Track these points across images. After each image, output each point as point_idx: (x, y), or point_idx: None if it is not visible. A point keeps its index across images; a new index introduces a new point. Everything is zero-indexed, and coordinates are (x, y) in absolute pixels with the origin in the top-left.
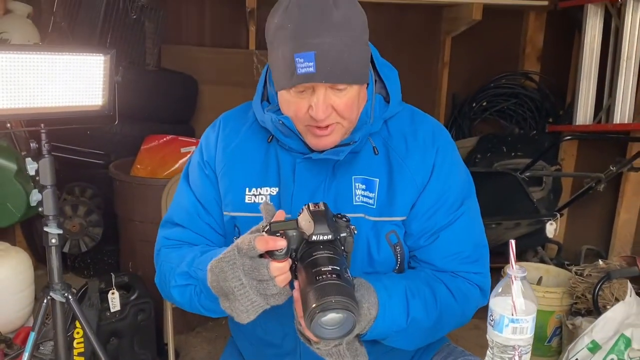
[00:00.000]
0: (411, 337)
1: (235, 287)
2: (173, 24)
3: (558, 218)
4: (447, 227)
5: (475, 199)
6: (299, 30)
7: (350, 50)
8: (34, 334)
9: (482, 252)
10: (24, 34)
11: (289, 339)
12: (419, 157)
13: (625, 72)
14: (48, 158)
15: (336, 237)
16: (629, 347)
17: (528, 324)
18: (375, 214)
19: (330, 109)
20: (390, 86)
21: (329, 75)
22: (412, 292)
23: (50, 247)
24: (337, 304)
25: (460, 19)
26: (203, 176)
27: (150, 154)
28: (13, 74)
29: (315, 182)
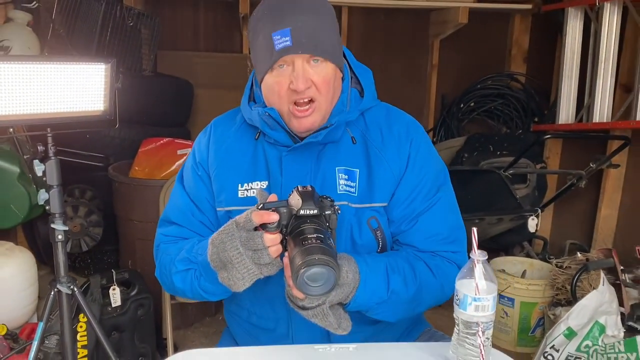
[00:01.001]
0: (392, 309)
1: (233, 256)
2: (168, 31)
3: (539, 213)
4: (425, 212)
5: (450, 186)
6: (275, 13)
7: (322, 30)
8: (42, 324)
9: (458, 233)
10: (24, 42)
11: (281, 323)
12: (394, 149)
13: (604, 73)
14: (54, 160)
15: (321, 213)
16: (603, 333)
17: (489, 302)
18: (356, 202)
19: (309, 82)
20: (365, 82)
21: (304, 46)
22: (392, 268)
23: (57, 242)
24: (319, 260)
25: (448, 23)
26: (196, 177)
27: (148, 156)
28: (22, 82)
29: (302, 173)
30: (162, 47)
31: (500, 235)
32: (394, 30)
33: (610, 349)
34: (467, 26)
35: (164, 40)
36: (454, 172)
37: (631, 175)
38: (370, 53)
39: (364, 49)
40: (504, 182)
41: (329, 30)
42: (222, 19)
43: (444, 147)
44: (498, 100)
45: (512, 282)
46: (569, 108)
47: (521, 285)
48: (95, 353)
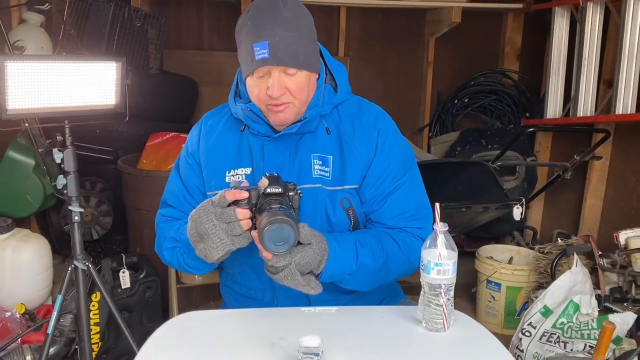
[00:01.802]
0: (363, 279)
1: (208, 228)
2: (174, 30)
3: (524, 202)
4: (393, 193)
5: (417, 169)
6: (255, 26)
7: (298, 43)
8: (61, 297)
9: (424, 212)
10: (37, 42)
11: (267, 292)
12: (363, 138)
13: (587, 70)
14: (71, 148)
15: (285, 192)
16: (577, 312)
17: (449, 267)
18: (330, 184)
19: (283, 89)
20: (339, 78)
21: (280, 59)
22: (360, 243)
23: (74, 223)
24: (281, 220)
25: (442, 22)
26: (188, 166)
27: (155, 150)
28: (43, 79)
29: (281, 160)
30: (167, 46)
31: (491, 225)
32: (391, 29)
33: (584, 326)
34: (461, 25)
35: (169, 39)
36: (445, 164)
37: (615, 167)
38: (367, 51)
39: (361, 48)
40: (492, 173)
41: (305, 41)
42: (225, 19)
43: (439, 141)
44: (491, 97)
45: (498, 267)
46: (556, 103)
47: (507, 270)
48: (107, 330)
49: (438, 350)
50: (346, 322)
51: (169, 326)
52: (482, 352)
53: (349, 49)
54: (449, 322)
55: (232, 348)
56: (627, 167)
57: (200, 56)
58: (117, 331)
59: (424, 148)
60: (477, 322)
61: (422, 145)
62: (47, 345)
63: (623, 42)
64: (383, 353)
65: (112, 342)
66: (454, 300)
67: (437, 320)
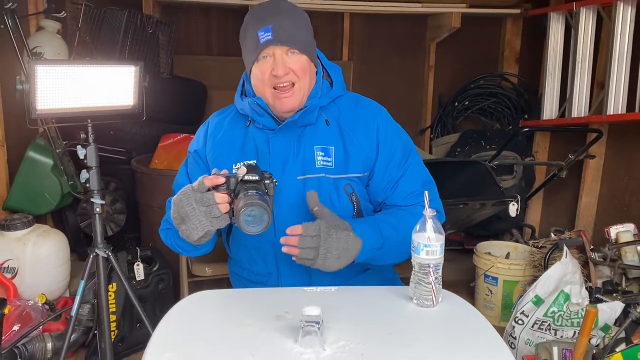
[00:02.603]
0: (392, 252)
1: (189, 211)
2: (183, 36)
3: (519, 199)
4: (401, 177)
5: (416, 152)
6: (259, 15)
7: (297, 29)
8: (83, 282)
9: (430, 186)
10: (54, 48)
11: (272, 277)
12: (363, 132)
13: (581, 72)
14: (93, 145)
15: (261, 180)
16: (567, 301)
17: (437, 248)
18: (333, 173)
19: (287, 69)
20: (334, 76)
21: (283, 40)
22: (379, 220)
23: (95, 214)
24: (254, 203)
25: (443, 27)
26: (193, 162)
27: (167, 150)
28: (69, 81)
29: (286, 152)
30: (177, 51)
31: (490, 223)
32: (393, 34)
33: (574, 315)
34: (461, 30)
35: (179, 45)
36: (444, 163)
37: (609, 166)
38: (370, 56)
39: (364, 52)
40: (489, 172)
41: (304, 30)
42: (233, 25)
43: (440, 142)
44: (490, 99)
45: (495, 262)
46: (552, 104)
47: (503, 265)
48: (122, 319)
49: (427, 322)
50: (345, 299)
51: (184, 304)
52: (466, 323)
53: (352, 53)
54: (438, 299)
55: (241, 320)
56: (620, 166)
57: (209, 61)
58: (131, 321)
59: (425, 149)
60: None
61: (424, 147)
62: (70, 327)
63: (614, 45)
64: (377, 324)
65: (127, 330)
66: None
67: (427, 297)
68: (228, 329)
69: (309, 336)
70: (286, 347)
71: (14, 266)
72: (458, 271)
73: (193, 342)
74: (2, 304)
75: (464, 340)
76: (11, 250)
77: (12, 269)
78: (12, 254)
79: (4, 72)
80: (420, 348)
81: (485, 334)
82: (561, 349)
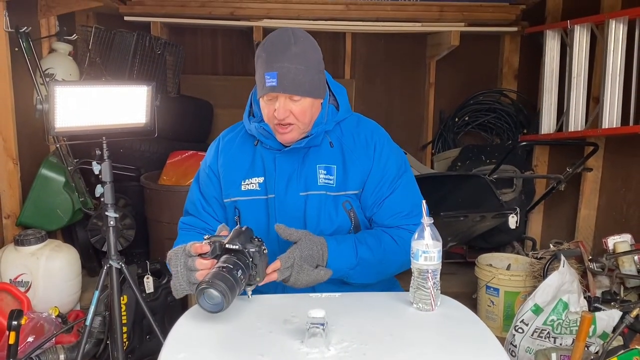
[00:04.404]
0: (364, 272)
1: (174, 272)
2: (190, 57)
3: (518, 212)
4: (390, 196)
5: (411, 174)
6: (268, 57)
7: (303, 74)
8: (97, 292)
9: (419, 210)
10: (66, 69)
11: (277, 290)
12: (362, 150)
13: (576, 87)
14: (107, 161)
15: (243, 249)
16: (566, 310)
17: (435, 254)
18: (334, 190)
19: (288, 112)
20: (340, 99)
21: (286, 88)
22: (359, 240)
23: (109, 227)
24: (211, 284)
25: (442, 45)
26: (206, 178)
27: (175, 167)
28: (86, 101)
29: (290, 170)
30: (185, 71)
31: (492, 236)
32: (394, 52)
33: (573, 323)
34: (460, 47)
35: (186, 65)
36: (445, 177)
37: (606, 178)
38: (372, 74)
39: (366, 70)
40: (489, 185)
41: (310, 72)
42: (238, 45)
43: (441, 157)
44: (490, 114)
45: (496, 273)
46: (550, 119)
47: (504, 276)
48: (133, 332)
49: (426, 325)
50: (348, 304)
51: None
52: (463, 326)
53: (354, 71)
54: (437, 303)
55: (250, 324)
56: (617, 178)
57: (215, 80)
58: (141, 333)
59: (427, 164)
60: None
61: (426, 162)
62: (85, 336)
63: (607, 61)
64: (379, 327)
65: (137, 342)
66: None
67: (426, 301)
68: (238, 332)
69: (315, 337)
70: (293, 347)
71: (27, 280)
72: (461, 283)
73: (205, 344)
74: (19, 315)
75: (461, 341)
76: (25, 265)
77: (26, 282)
78: (26, 268)
79: (18, 92)
80: (420, 349)
81: (481, 336)
82: (559, 355)
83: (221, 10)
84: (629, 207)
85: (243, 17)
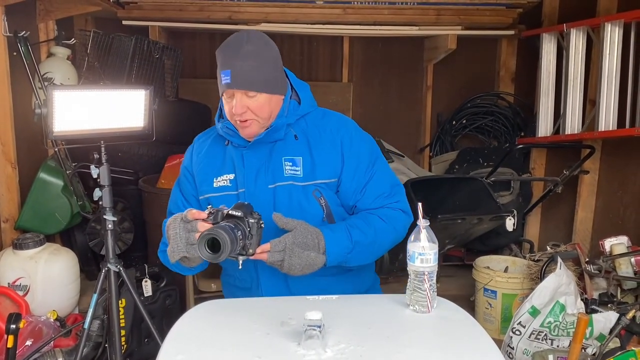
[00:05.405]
0: (361, 254)
1: (171, 235)
2: (188, 61)
3: (515, 214)
4: (369, 181)
5: (383, 157)
6: (223, 57)
7: (257, 70)
8: (96, 296)
9: (397, 189)
10: (64, 73)
11: (253, 282)
12: (328, 142)
13: (573, 90)
14: (106, 165)
15: (244, 217)
16: (563, 312)
17: (430, 256)
18: (302, 181)
19: (245, 108)
20: (302, 94)
21: (239, 84)
22: (350, 225)
23: (107, 230)
24: (215, 232)
25: (439, 48)
26: (184, 179)
27: (173, 170)
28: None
29: (258, 164)
30: (183, 75)
31: (490, 238)
32: (391, 56)
33: (570, 325)
34: (457, 51)
35: (184, 69)
36: (443, 180)
37: (603, 181)
38: (370, 77)
39: (364, 74)
40: (486, 188)
41: (264, 69)
42: None
43: (439, 160)
44: (487, 117)
45: (494, 276)
46: (547, 122)
47: (502, 278)
48: (131, 335)
49: (423, 327)
50: (345, 306)
51: (193, 312)
52: (459, 327)
53: (352, 75)
54: (433, 305)
55: (247, 326)
56: (614, 180)
57: (213, 84)
58: (139, 336)
59: (425, 167)
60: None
61: (424, 165)
62: (83, 339)
63: (603, 64)
64: (376, 329)
65: (135, 345)
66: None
67: (422, 303)
68: (235, 334)
69: (311, 339)
70: (290, 349)
71: (26, 284)
72: (458, 286)
73: (203, 345)
74: (17, 319)
75: (457, 343)
76: (23, 269)
77: (24, 286)
78: (24, 272)
79: (16, 97)
80: (416, 350)
81: (477, 337)
82: (557, 356)
83: (219, 14)
84: (626, 209)
85: (241, 21)
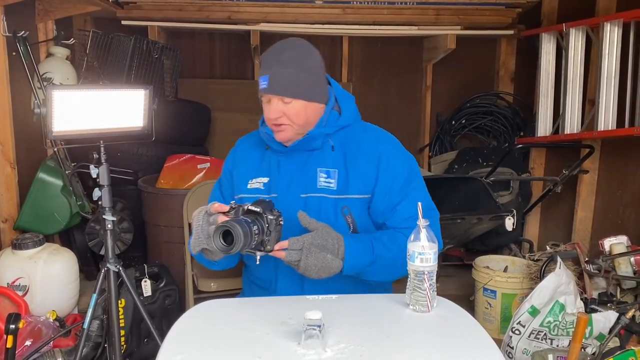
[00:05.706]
0: (381, 269)
1: (195, 227)
2: (187, 61)
3: (514, 214)
4: (402, 201)
5: (421, 179)
6: (264, 62)
7: (294, 77)
8: (95, 296)
9: (430, 212)
10: (63, 73)
11: (272, 283)
12: (364, 158)
13: (572, 90)
14: (105, 165)
15: (262, 213)
16: (563, 311)
17: (430, 256)
18: (334, 194)
19: (280, 113)
20: (344, 106)
21: (275, 90)
22: (374, 239)
23: (107, 230)
24: (229, 225)
25: (439, 48)
26: (224, 177)
27: (172, 170)
28: (83, 105)
29: (292, 171)
30: (182, 75)
31: (489, 238)
32: (391, 56)
33: (570, 324)
34: (456, 51)
35: (184, 69)
36: (443, 180)
37: (602, 180)
38: (369, 78)
39: (363, 74)
40: (486, 187)
41: (302, 76)
42: (236, 49)
43: (438, 160)
44: (487, 117)
45: (493, 275)
46: (546, 121)
47: (501, 278)
48: (130, 335)
49: (423, 326)
50: (344, 306)
51: (193, 312)
52: (459, 326)
53: (351, 75)
54: (433, 304)
55: (247, 326)
56: (614, 180)
57: (212, 84)
58: (139, 336)
59: (424, 167)
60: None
61: (423, 164)
62: (83, 339)
63: (602, 64)
64: (375, 328)
65: (135, 346)
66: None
67: (422, 303)
68: (235, 334)
69: (311, 339)
70: (290, 349)
71: (25, 284)
72: (458, 286)
73: (203, 345)
74: (16, 319)
75: (457, 342)
76: (22, 269)
77: (24, 286)
78: (23, 272)
79: (15, 97)
80: (416, 350)
81: (477, 337)
82: (556, 356)
83: (218, 14)
84: (625, 208)
85: (240, 21)
